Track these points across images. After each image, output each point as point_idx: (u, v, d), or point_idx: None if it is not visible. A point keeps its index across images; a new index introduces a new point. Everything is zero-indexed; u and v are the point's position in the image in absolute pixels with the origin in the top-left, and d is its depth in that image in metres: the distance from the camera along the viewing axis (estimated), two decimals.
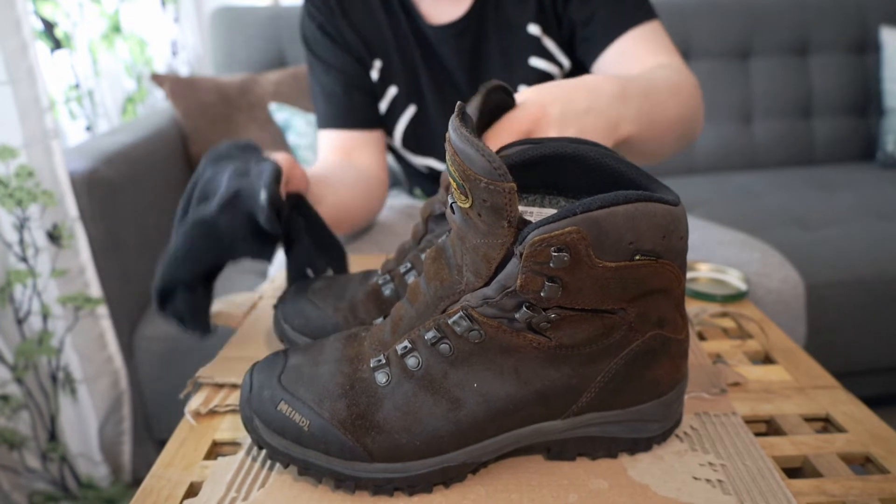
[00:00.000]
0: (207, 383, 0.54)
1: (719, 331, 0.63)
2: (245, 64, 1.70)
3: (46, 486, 1.16)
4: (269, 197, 0.50)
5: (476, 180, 0.35)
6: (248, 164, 0.55)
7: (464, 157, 0.36)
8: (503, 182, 0.35)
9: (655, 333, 0.41)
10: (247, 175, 0.53)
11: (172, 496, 0.42)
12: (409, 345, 0.41)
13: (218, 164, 0.56)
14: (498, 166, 0.34)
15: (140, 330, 1.21)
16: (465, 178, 0.36)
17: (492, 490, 0.41)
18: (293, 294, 0.56)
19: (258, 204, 0.50)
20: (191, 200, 0.55)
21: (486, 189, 0.35)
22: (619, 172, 0.41)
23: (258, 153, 0.59)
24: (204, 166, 0.57)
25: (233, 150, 0.58)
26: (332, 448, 0.39)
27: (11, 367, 1.06)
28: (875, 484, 0.41)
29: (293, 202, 0.59)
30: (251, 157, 0.56)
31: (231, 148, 0.59)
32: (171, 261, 0.53)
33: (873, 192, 1.65)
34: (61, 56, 1.35)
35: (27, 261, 1.04)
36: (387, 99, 0.90)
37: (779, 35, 1.88)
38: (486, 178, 0.35)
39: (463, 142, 0.36)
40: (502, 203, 0.35)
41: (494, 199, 0.35)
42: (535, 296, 0.37)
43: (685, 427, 0.47)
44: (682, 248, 0.39)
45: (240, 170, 0.54)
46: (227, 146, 0.59)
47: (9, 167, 0.98)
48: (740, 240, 0.88)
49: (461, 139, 0.36)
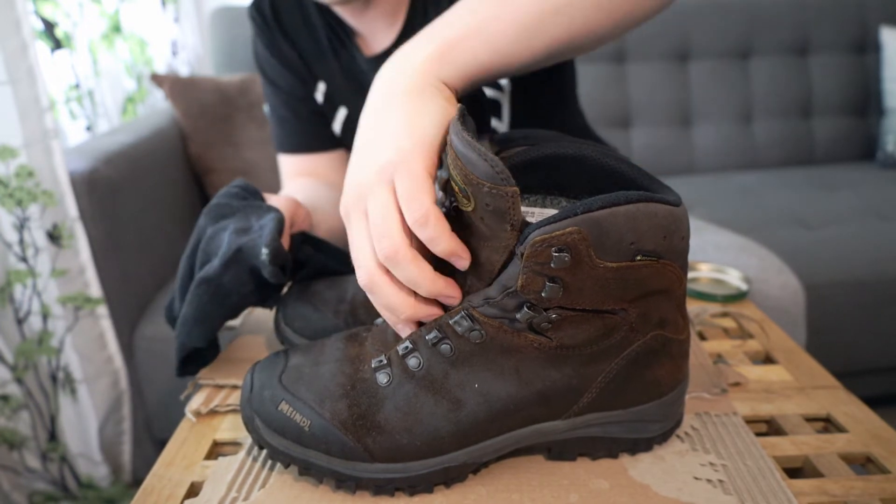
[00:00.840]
0: (208, 385, 0.54)
1: (720, 331, 0.63)
2: (245, 64, 1.70)
3: (46, 486, 1.16)
4: (271, 253, 0.49)
5: (479, 185, 0.35)
6: (249, 219, 0.54)
7: (466, 161, 0.35)
8: (506, 186, 0.35)
9: (656, 334, 0.41)
10: (248, 232, 0.52)
11: (173, 496, 0.42)
12: (410, 345, 0.41)
13: (218, 223, 0.54)
14: (500, 170, 0.34)
15: (140, 330, 1.21)
16: (467, 182, 0.36)
17: (493, 490, 0.41)
18: (294, 296, 0.56)
19: (260, 261, 0.50)
20: (194, 260, 0.54)
21: (489, 193, 0.35)
22: (619, 173, 0.41)
23: (258, 201, 0.57)
24: (204, 225, 0.55)
25: (232, 203, 0.56)
26: (333, 448, 0.39)
27: (11, 367, 1.06)
28: (876, 484, 0.41)
29: (299, 241, 0.58)
30: (251, 211, 0.55)
31: (229, 199, 0.57)
32: (184, 328, 0.52)
33: (873, 192, 1.65)
34: (61, 56, 1.35)
35: (27, 261, 1.04)
36: (338, 120, 0.88)
37: (779, 35, 1.88)
38: (489, 182, 0.35)
39: (465, 146, 0.36)
40: (505, 207, 0.35)
41: (497, 204, 0.35)
42: (535, 296, 0.37)
43: (686, 427, 0.47)
44: (683, 248, 0.39)
45: (240, 228, 0.53)
46: (225, 198, 0.57)
47: (9, 167, 0.98)
48: (738, 244, 0.88)
49: (463, 143, 0.36)
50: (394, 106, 0.42)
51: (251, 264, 0.51)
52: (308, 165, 0.89)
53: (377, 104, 0.44)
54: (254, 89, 1.59)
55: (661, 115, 1.88)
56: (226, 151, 1.54)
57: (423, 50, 0.44)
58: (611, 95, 1.86)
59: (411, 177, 0.38)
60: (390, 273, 0.39)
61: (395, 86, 0.43)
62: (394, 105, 0.42)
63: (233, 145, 1.55)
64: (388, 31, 0.80)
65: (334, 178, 0.90)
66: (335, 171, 0.90)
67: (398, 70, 0.44)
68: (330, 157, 0.90)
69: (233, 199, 0.57)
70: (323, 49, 0.85)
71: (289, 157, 0.90)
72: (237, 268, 0.51)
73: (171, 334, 1.18)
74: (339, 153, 0.92)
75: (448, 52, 0.43)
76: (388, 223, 0.38)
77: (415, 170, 0.38)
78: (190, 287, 0.52)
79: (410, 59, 0.44)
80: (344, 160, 0.93)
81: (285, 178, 0.91)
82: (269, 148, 1.55)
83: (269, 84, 0.88)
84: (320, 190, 0.83)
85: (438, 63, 0.43)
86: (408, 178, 0.38)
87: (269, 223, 0.52)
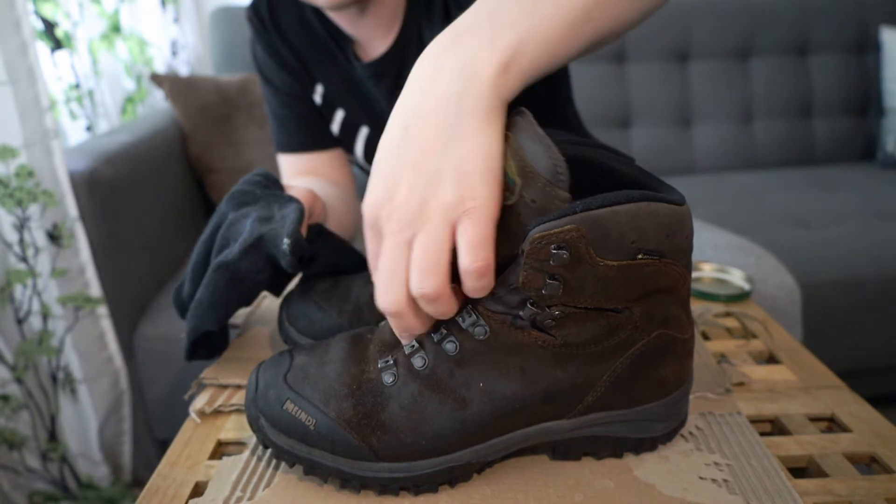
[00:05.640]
0: (212, 384, 0.54)
1: (723, 330, 0.63)
2: (245, 64, 1.70)
3: (46, 486, 1.16)
4: (293, 244, 0.50)
5: (534, 178, 0.35)
6: (271, 207, 0.54)
7: (529, 151, 0.35)
8: (561, 190, 0.35)
9: (661, 333, 0.41)
10: (270, 220, 0.53)
11: (178, 496, 0.42)
12: (415, 344, 0.40)
13: (240, 210, 0.55)
14: (563, 172, 0.34)
15: (140, 330, 1.21)
16: (522, 173, 0.35)
17: (497, 490, 0.41)
18: (298, 296, 0.56)
19: (280, 250, 0.50)
20: (212, 244, 0.54)
21: (541, 190, 0.35)
22: (621, 173, 0.41)
23: (279, 191, 0.58)
24: (225, 210, 0.55)
25: (255, 190, 0.56)
26: (338, 447, 0.39)
27: (11, 367, 1.06)
28: (881, 483, 0.41)
29: (315, 233, 0.58)
30: (273, 201, 0.55)
31: (252, 186, 0.57)
32: (197, 311, 0.53)
33: (873, 192, 1.65)
34: (61, 56, 1.34)
35: (27, 261, 1.04)
36: (336, 121, 0.89)
37: (779, 35, 1.88)
38: (546, 178, 0.35)
39: (534, 137, 0.35)
40: (550, 209, 0.35)
41: (544, 203, 0.35)
42: (536, 293, 0.37)
43: (690, 427, 0.47)
44: (686, 247, 0.39)
45: (263, 216, 0.53)
46: (248, 185, 0.57)
47: (9, 167, 0.98)
48: (736, 244, 0.88)
49: (533, 135, 0.35)
50: (463, 129, 0.37)
51: (270, 253, 0.51)
52: (309, 164, 0.89)
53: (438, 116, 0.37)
54: (254, 89, 1.59)
55: (661, 115, 1.88)
56: (226, 151, 1.53)
57: (489, 59, 0.38)
58: (611, 95, 1.87)
59: (483, 225, 0.35)
60: (415, 302, 0.38)
61: (463, 103, 0.37)
62: (463, 128, 0.37)
63: (233, 145, 1.54)
64: (383, 38, 0.80)
65: (335, 175, 0.90)
66: (335, 170, 0.91)
67: (464, 82, 0.38)
68: (330, 156, 0.91)
69: (255, 187, 0.57)
70: (320, 52, 0.85)
71: (289, 157, 0.90)
72: (256, 255, 0.51)
73: (171, 334, 1.18)
74: (338, 151, 0.92)
75: (513, 62, 0.39)
76: (440, 265, 0.36)
77: (487, 219, 0.36)
78: (206, 271, 0.52)
79: (477, 72, 0.38)
80: (344, 159, 0.93)
81: (286, 177, 0.91)
82: (269, 148, 1.55)
83: (267, 85, 0.89)
84: (325, 188, 0.83)
85: (504, 76, 0.38)
86: (479, 226, 0.35)
87: (291, 213, 0.52)
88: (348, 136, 0.90)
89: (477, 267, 0.35)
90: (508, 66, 0.38)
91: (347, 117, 0.88)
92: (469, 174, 0.36)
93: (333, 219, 0.75)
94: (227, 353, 0.59)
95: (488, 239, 0.36)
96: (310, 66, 0.86)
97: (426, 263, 0.36)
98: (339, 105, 0.88)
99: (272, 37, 0.85)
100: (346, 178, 0.92)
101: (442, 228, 0.36)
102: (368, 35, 0.80)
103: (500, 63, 0.38)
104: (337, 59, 0.85)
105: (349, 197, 0.90)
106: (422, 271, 0.36)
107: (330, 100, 0.87)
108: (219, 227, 0.54)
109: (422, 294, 0.36)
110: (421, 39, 0.79)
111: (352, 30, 0.80)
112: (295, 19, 0.84)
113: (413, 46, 0.80)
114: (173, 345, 1.18)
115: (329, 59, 0.85)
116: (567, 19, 0.40)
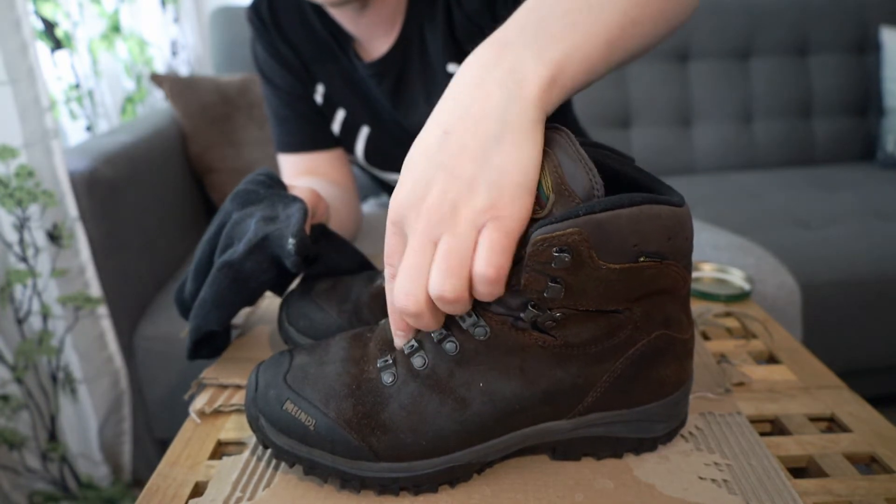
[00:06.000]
0: (212, 384, 0.54)
1: (723, 330, 0.63)
2: (245, 64, 1.70)
3: (46, 486, 1.16)
4: (298, 244, 0.50)
5: (569, 197, 0.35)
6: (276, 207, 0.54)
7: (567, 170, 0.36)
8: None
9: (661, 333, 0.41)
10: (275, 220, 0.53)
11: (178, 495, 0.42)
12: (415, 344, 0.40)
13: (244, 209, 0.55)
14: (600, 195, 0.35)
15: (140, 330, 1.21)
16: (557, 190, 0.36)
17: (497, 490, 0.41)
18: (297, 296, 0.56)
19: (285, 250, 0.50)
20: (216, 243, 0.54)
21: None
22: (621, 174, 0.41)
23: (283, 191, 0.58)
24: (230, 210, 0.55)
25: (259, 190, 0.56)
26: (338, 447, 0.39)
27: (11, 367, 1.06)
28: (881, 484, 0.41)
29: (318, 233, 0.58)
30: (278, 200, 0.55)
31: (256, 186, 0.57)
32: (201, 310, 0.53)
33: (873, 192, 1.65)
34: (61, 56, 1.34)
35: (27, 261, 1.04)
36: (337, 121, 0.89)
37: (779, 35, 1.88)
38: (582, 199, 0.35)
39: (575, 157, 0.36)
40: None
41: None
42: (538, 296, 0.37)
43: (690, 427, 0.47)
44: (687, 248, 0.39)
45: (267, 216, 0.53)
46: (251, 185, 0.57)
47: (9, 167, 0.98)
48: (736, 244, 0.88)
49: (574, 154, 0.36)
50: (505, 141, 0.37)
51: (274, 252, 0.51)
52: (309, 164, 0.89)
53: (480, 125, 0.37)
54: (254, 89, 1.59)
55: (661, 115, 1.88)
56: (226, 151, 1.53)
57: (535, 73, 0.38)
58: (611, 95, 1.87)
59: (507, 234, 0.36)
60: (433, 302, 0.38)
61: (507, 115, 0.37)
62: (505, 140, 0.37)
63: (233, 145, 1.54)
64: (384, 38, 0.80)
65: (335, 176, 0.90)
66: (336, 170, 0.91)
67: (510, 94, 0.38)
68: (331, 156, 0.90)
69: (259, 187, 0.57)
70: (322, 51, 0.85)
71: (289, 157, 0.90)
72: (260, 255, 0.51)
73: (171, 334, 1.18)
74: (339, 151, 0.92)
75: (557, 79, 0.39)
76: (462, 268, 0.36)
77: (513, 229, 0.36)
78: (210, 270, 0.52)
79: (524, 85, 0.38)
80: (344, 159, 0.93)
81: (286, 177, 0.91)
82: (269, 148, 1.55)
83: (268, 84, 0.88)
84: (325, 188, 0.83)
85: (549, 92, 0.38)
86: (503, 234, 0.36)
87: (295, 213, 0.52)
88: (349, 135, 0.90)
89: (491, 272, 0.35)
90: (554, 80, 0.38)
91: (348, 117, 0.88)
92: (504, 185, 0.36)
93: (334, 219, 0.75)
94: (226, 353, 0.59)
95: (508, 249, 0.36)
96: (311, 66, 0.86)
97: (449, 265, 0.36)
98: (340, 105, 0.88)
99: (273, 36, 0.85)
100: (347, 179, 0.92)
101: (469, 233, 0.36)
102: (369, 34, 0.80)
103: (547, 78, 0.38)
104: (338, 58, 0.85)
105: (350, 197, 0.90)
106: (443, 273, 0.36)
107: (331, 99, 0.87)
108: (223, 226, 0.54)
109: (441, 295, 0.36)
110: (423, 39, 0.79)
111: (353, 28, 0.80)
112: (296, 19, 0.84)
113: (414, 46, 0.80)
114: (173, 345, 1.18)
115: (330, 59, 0.85)
116: (605, 36, 0.40)
